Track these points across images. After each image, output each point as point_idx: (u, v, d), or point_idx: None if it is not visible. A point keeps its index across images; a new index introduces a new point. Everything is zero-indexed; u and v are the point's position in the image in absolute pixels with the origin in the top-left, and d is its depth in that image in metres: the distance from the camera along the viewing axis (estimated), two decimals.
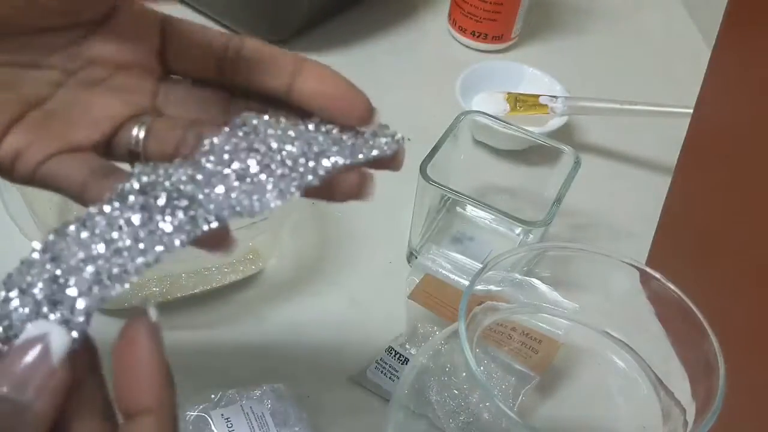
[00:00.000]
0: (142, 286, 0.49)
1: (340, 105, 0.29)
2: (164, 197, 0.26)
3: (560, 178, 0.50)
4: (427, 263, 0.49)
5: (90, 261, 0.24)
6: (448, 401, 0.37)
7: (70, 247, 0.25)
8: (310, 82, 0.30)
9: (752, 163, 0.39)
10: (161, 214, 0.25)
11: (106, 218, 0.25)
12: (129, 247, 0.25)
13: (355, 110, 0.29)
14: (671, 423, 0.33)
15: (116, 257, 0.24)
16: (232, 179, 0.27)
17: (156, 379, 0.24)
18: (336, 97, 0.29)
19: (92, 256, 0.24)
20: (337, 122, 0.29)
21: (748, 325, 0.39)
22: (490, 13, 0.72)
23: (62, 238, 0.25)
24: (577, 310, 0.39)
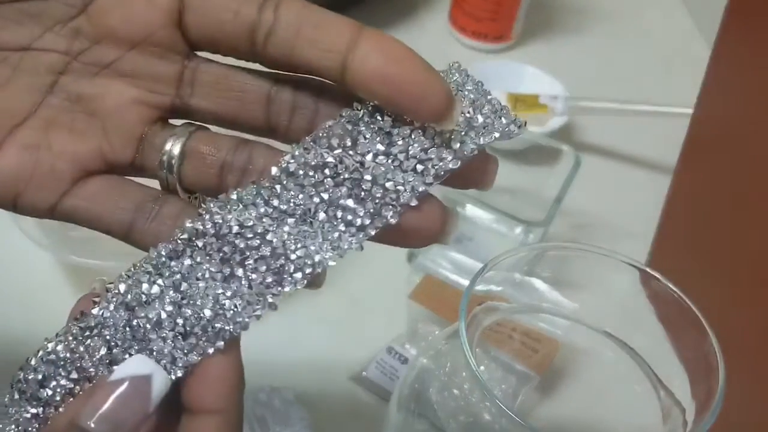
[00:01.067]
0: None
1: (411, 92, 0.22)
2: (242, 243, 0.22)
3: (560, 178, 0.50)
4: (427, 263, 0.49)
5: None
6: (448, 401, 0.37)
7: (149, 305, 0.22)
8: (371, 59, 0.22)
9: (752, 163, 0.39)
10: (241, 266, 0.22)
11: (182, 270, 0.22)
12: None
13: (431, 100, 0.22)
14: (671, 423, 0.33)
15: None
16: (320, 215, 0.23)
17: (228, 379, 0.22)
18: (405, 82, 0.22)
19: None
20: (403, 114, 0.23)
21: (748, 325, 0.39)
22: (490, 13, 0.72)
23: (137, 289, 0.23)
24: (577, 310, 0.39)
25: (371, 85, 0.22)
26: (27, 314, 0.50)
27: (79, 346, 0.22)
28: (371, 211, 0.23)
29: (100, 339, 0.22)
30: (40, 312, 0.50)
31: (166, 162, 0.24)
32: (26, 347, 0.50)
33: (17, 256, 0.51)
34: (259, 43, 0.22)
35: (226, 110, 0.24)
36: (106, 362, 0.22)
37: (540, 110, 0.64)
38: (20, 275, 0.51)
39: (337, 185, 0.23)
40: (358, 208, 0.23)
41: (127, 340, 0.22)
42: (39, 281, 0.51)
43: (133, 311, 0.22)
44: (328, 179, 0.23)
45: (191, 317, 0.22)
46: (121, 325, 0.22)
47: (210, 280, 0.22)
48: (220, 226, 0.22)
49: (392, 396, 0.36)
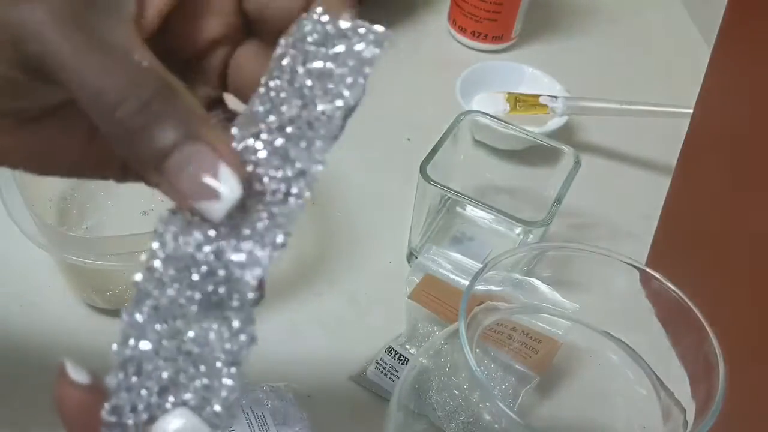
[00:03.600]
0: None
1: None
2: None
3: (560, 178, 0.50)
4: (427, 263, 0.49)
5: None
6: (448, 401, 0.37)
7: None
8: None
9: (752, 163, 0.39)
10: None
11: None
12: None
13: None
14: (671, 423, 0.33)
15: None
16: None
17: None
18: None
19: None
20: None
21: (748, 325, 0.39)
22: (490, 13, 0.72)
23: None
24: (577, 310, 0.39)
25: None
26: (27, 314, 0.50)
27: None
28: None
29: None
30: (40, 312, 0.50)
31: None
32: (26, 347, 0.50)
33: (17, 256, 0.51)
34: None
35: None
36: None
37: (540, 110, 0.64)
38: (20, 275, 0.51)
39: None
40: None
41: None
42: (39, 281, 0.51)
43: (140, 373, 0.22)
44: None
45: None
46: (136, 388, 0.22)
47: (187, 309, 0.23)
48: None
49: (392, 396, 0.36)
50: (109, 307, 0.50)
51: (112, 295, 0.49)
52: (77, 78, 0.21)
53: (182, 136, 0.21)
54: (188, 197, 0.21)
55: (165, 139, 0.21)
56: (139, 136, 0.21)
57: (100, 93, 0.21)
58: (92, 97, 0.21)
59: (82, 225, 0.54)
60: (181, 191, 0.21)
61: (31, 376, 0.47)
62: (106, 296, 0.49)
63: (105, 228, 0.54)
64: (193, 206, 0.22)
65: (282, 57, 0.24)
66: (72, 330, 0.49)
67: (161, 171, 0.22)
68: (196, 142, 0.22)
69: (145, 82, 0.21)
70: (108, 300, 0.49)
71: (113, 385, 0.22)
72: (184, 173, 0.21)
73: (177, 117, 0.22)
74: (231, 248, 0.23)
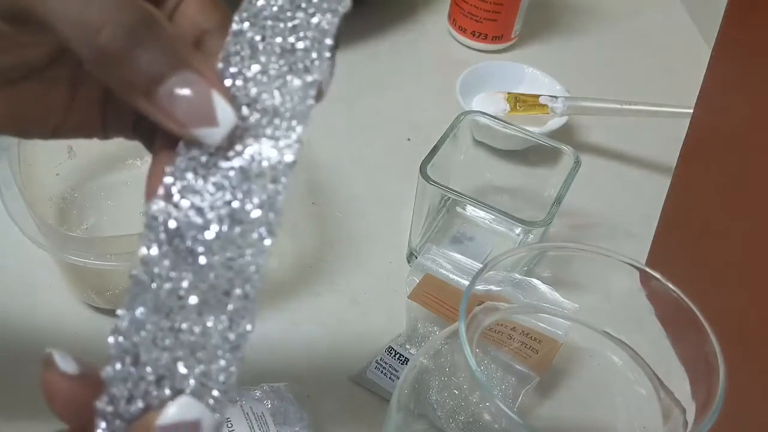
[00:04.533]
0: None
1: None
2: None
3: (560, 178, 0.50)
4: (427, 263, 0.49)
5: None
6: (448, 401, 0.37)
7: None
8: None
9: (752, 163, 0.39)
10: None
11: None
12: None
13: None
14: (671, 423, 0.33)
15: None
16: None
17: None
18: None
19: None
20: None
21: (748, 325, 0.39)
22: (490, 13, 0.72)
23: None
24: (577, 310, 0.39)
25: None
26: (27, 314, 0.50)
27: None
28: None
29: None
30: (40, 312, 0.50)
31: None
32: (26, 347, 0.50)
33: (17, 256, 0.51)
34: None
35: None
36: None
37: (540, 110, 0.64)
38: (20, 275, 0.51)
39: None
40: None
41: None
42: (39, 281, 0.51)
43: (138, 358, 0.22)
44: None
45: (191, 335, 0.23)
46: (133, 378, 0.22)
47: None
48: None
49: (392, 396, 0.36)
50: (109, 307, 0.50)
51: (112, 295, 0.49)
52: (59, 8, 0.21)
53: (171, 62, 0.22)
54: (185, 124, 0.22)
55: (153, 65, 0.22)
56: (125, 61, 0.21)
57: (82, 21, 0.21)
58: (75, 26, 0.21)
59: (82, 225, 0.54)
60: (177, 119, 0.22)
61: (31, 376, 0.47)
62: (106, 296, 0.49)
63: (105, 228, 0.54)
64: (192, 133, 0.22)
65: (239, 33, 0.24)
66: (72, 330, 0.49)
67: (152, 98, 0.22)
68: (187, 69, 0.22)
69: (127, 8, 0.21)
70: (108, 300, 0.49)
71: (110, 375, 0.22)
72: (178, 100, 0.22)
73: (163, 43, 0.22)
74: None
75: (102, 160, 0.56)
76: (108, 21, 0.21)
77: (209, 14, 0.26)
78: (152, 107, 0.22)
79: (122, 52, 0.21)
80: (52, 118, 0.27)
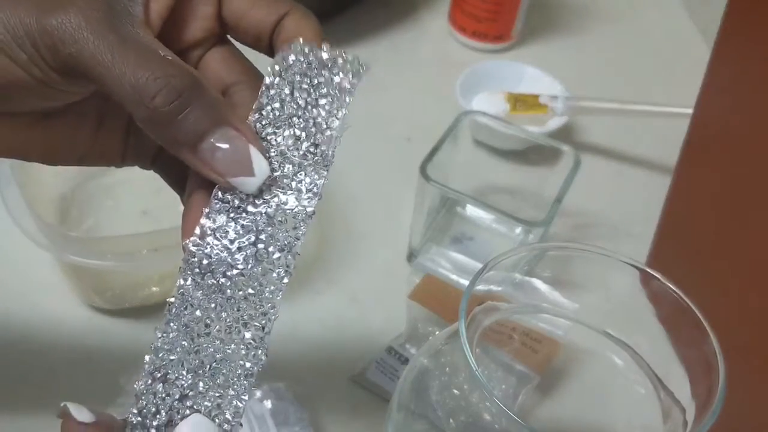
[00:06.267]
0: (142, 285, 0.49)
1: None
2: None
3: (560, 178, 0.50)
4: (427, 263, 0.49)
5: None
6: (448, 401, 0.37)
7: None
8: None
9: (752, 163, 0.39)
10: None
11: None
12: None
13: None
14: (671, 423, 0.33)
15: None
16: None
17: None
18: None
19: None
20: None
21: (748, 325, 0.39)
22: (490, 13, 0.72)
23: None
24: (577, 310, 0.39)
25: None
26: (27, 314, 0.50)
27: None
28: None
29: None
30: (40, 312, 0.50)
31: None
32: (26, 347, 0.50)
33: (17, 256, 0.51)
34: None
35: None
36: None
37: (540, 110, 0.64)
38: (20, 275, 0.51)
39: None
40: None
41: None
42: (39, 281, 0.51)
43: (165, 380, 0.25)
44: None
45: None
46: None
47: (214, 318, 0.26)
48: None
49: (392, 396, 0.36)
50: (109, 307, 0.50)
51: (112, 295, 0.49)
52: (115, 73, 0.24)
53: (214, 120, 0.25)
54: (225, 174, 0.25)
55: (198, 124, 0.24)
56: (175, 121, 0.24)
57: (137, 85, 0.24)
58: (130, 89, 0.24)
59: (82, 225, 0.54)
60: (218, 170, 0.25)
61: (32, 376, 0.47)
62: (106, 296, 0.49)
63: (105, 228, 0.54)
64: (230, 182, 0.25)
65: (271, 87, 0.27)
66: (72, 330, 0.49)
67: (196, 152, 0.25)
68: (228, 126, 0.25)
69: (178, 73, 0.24)
70: (108, 300, 0.49)
71: (141, 389, 0.25)
72: (220, 153, 0.25)
73: (207, 104, 0.25)
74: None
75: None
76: (162, 86, 0.24)
77: (233, 68, 0.29)
78: (196, 160, 0.25)
79: (173, 113, 0.24)
80: (79, 148, 0.30)
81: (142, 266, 0.47)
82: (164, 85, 0.24)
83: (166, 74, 0.24)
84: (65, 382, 0.46)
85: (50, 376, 0.47)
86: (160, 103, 0.24)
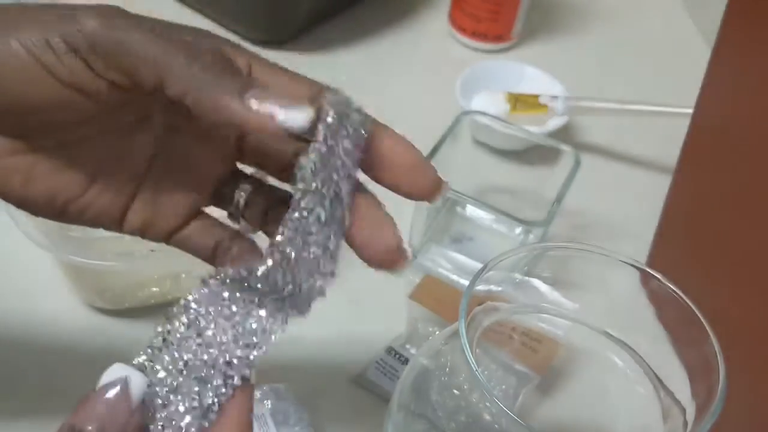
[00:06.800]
0: (142, 285, 0.49)
1: (412, 176, 0.31)
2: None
3: (560, 178, 0.50)
4: (427, 263, 0.49)
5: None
6: (448, 401, 0.37)
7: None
8: (384, 149, 0.31)
9: (752, 163, 0.39)
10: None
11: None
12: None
13: (426, 183, 0.32)
14: (671, 423, 0.33)
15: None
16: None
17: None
18: (409, 168, 0.31)
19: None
20: (402, 192, 0.32)
21: (748, 325, 0.39)
22: (490, 13, 0.72)
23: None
24: (577, 310, 0.39)
25: (384, 171, 0.33)
26: (27, 314, 0.50)
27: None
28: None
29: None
30: (40, 312, 0.50)
31: (234, 205, 0.33)
32: (26, 347, 0.50)
33: (17, 256, 0.51)
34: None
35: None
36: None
37: (540, 110, 0.64)
38: (20, 275, 0.51)
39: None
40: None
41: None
42: (39, 281, 0.51)
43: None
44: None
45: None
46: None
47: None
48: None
49: (392, 396, 0.36)
50: (109, 307, 0.50)
51: (112, 295, 0.49)
52: (162, 57, 0.26)
53: (249, 80, 0.27)
54: (275, 114, 0.25)
55: (239, 79, 0.26)
56: (219, 76, 0.26)
57: (182, 61, 0.26)
58: (175, 65, 0.26)
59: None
60: (266, 112, 0.25)
61: (31, 376, 0.47)
62: (106, 296, 0.49)
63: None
64: (282, 118, 0.25)
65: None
66: (72, 330, 0.49)
67: (243, 99, 0.25)
68: (256, 87, 0.26)
69: (219, 45, 0.28)
70: (108, 300, 0.49)
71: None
72: (269, 97, 0.25)
73: (240, 75, 0.27)
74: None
75: None
76: (210, 50, 0.26)
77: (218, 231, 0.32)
78: (241, 106, 0.25)
79: (218, 70, 0.26)
80: (67, 194, 0.30)
81: (142, 266, 0.47)
82: (212, 49, 0.26)
83: (212, 43, 0.27)
84: (65, 382, 0.46)
85: (50, 376, 0.47)
86: (208, 60, 0.26)
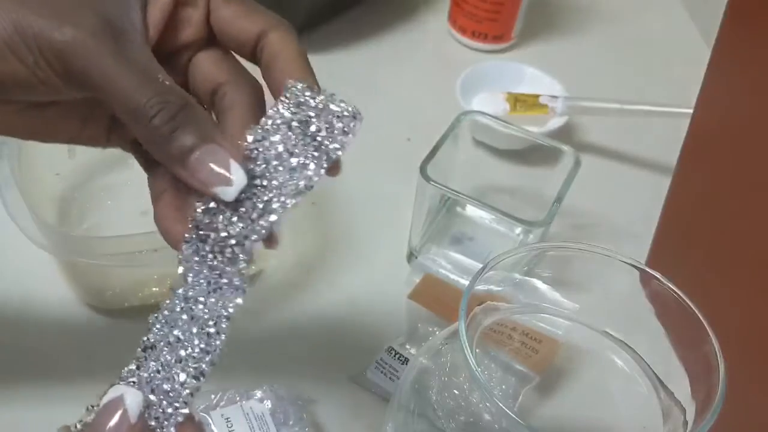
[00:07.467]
0: (142, 285, 0.49)
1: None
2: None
3: (560, 178, 0.50)
4: (427, 263, 0.49)
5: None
6: (448, 401, 0.37)
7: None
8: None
9: (752, 163, 0.39)
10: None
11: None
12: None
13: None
14: (671, 423, 0.33)
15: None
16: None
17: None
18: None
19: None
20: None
21: (748, 325, 0.39)
22: (490, 13, 0.72)
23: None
24: (577, 310, 0.39)
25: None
26: (27, 314, 0.50)
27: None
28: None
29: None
30: (40, 312, 0.50)
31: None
32: (26, 347, 0.50)
33: (17, 256, 0.51)
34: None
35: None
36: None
37: (540, 110, 0.64)
38: (20, 275, 0.51)
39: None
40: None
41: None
42: (39, 281, 0.51)
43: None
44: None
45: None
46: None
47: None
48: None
49: (392, 396, 0.36)
50: (109, 307, 0.50)
51: (112, 295, 0.49)
52: (120, 95, 0.27)
53: (201, 138, 0.28)
54: (208, 185, 0.28)
55: (188, 141, 0.28)
56: (168, 139, 0.28)
57: (138, 107, 0.27)
58: (131, 108, 0.27)
59: (82, 225, 0.54)
60: (202, 180, 0.28)
61: (31, 376, 0.47)
62: (106, 296, 0.49)
63: (105, 228, 0.54)
64: (211, 191, 0.28)
65: (268, 120, 0.29)
66: (72, 330, 0.49)
67: (185, 165, 0.28)
68: (212, 143, 0.28)
69: (173, 97, 0.28)
70: (108, 300, 0.49)
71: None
72: (204, 166, 0.28)
73: (196, 124, 0.28)
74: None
75: (102, 160, 0.56)
76: (159, 108, 0.27)
77: (222, 68, 0.32)
78: (184, 172, 0.28)
79: (168, 133, 0.28)
80: (67, 134, 0.33)
81: (142, 266, 0.47)
82: (161, 108, 0.27)
83: (163, 99, 0.27)
84: (65, 382, 0.46)
85: (50, 376, 0.47)
86: (157, 123, 0.27)
